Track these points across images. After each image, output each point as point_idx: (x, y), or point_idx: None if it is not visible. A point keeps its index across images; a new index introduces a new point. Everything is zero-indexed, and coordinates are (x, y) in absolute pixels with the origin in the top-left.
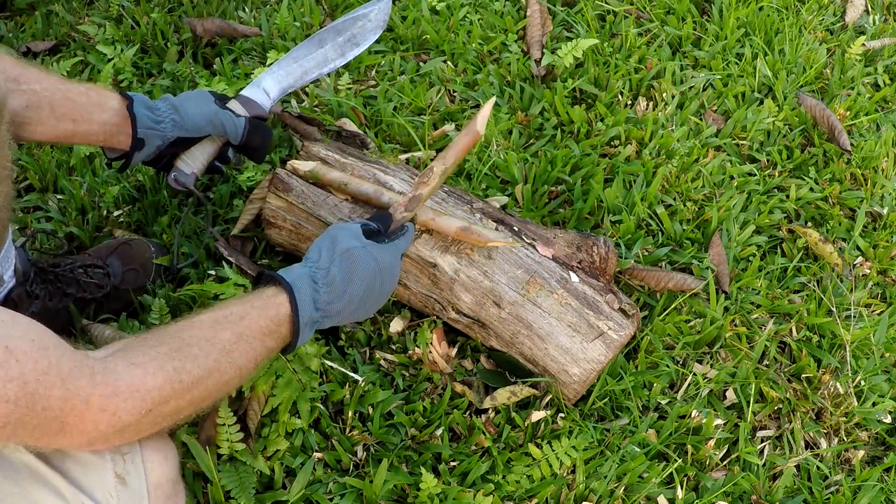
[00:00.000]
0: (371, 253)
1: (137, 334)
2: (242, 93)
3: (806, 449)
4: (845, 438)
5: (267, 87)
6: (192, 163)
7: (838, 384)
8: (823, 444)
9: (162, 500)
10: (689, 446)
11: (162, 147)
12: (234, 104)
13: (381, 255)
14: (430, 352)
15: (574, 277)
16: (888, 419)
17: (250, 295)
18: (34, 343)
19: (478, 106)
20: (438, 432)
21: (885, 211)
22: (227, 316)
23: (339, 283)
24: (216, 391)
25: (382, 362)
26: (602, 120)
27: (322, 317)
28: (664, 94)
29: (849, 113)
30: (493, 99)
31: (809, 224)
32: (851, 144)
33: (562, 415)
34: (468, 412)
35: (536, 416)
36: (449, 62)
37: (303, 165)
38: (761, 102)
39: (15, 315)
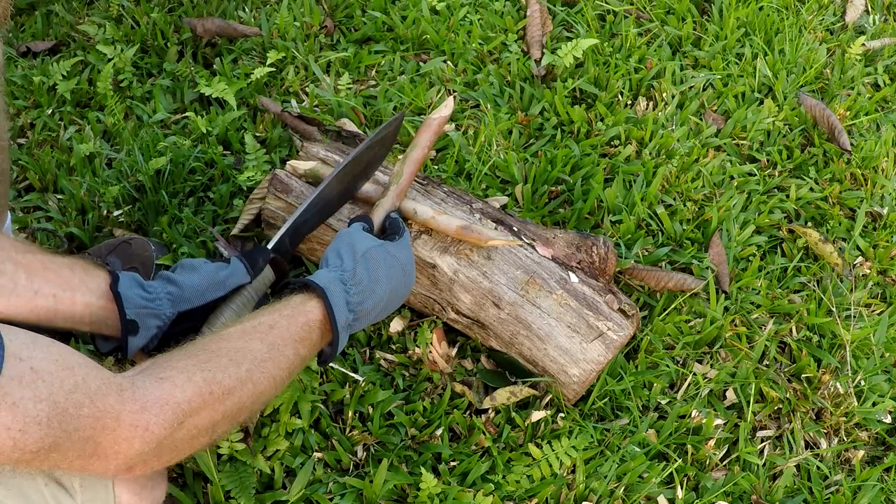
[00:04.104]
0: (389, 251)
1: (165, 352)
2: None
3: (806, 449)
4: (845, 438)
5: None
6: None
7: (838, 384)
8: (823, 444)
9: None
10: (689, 446)
11: (163, 328)
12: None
13: (398, 252)
14: (430, 352)
15: (573, 278)
16: (888, 419)
17: (277, 304)
18: (58, 363)
19: (478, 106)
20: (438, 432)
21: (885, 211)
22: (255, 326)
23: (366, 283)
24: (251, 402)
25: (382, 362)
26: (602, 120)
27: (354, 319)
28: (664, 94)
29: (849, 113)
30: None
31: (809, 224)
32: (851, 144)
33: (562, 415)
34: (468, 412)
35: (536, 416)
36: (449, 62)
37: (302, 165)
38: (761, 102)
39: (36, 336)
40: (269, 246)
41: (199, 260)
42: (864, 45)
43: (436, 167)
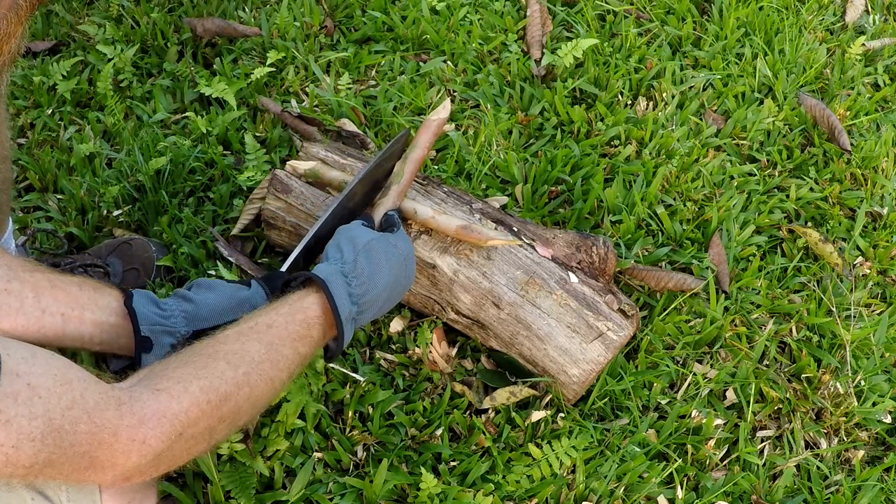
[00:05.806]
0: (389, 241)
1: (161, 359)
2: None
3: (806, 449)
4: (845, 438)
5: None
6: None
7: (838, 384)
8: (823, 444)
9: None
10: (689, 446)
11: (178, 347)
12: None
13: (398, 242)
14: (430, 352)
15: (573, 278)
16: (888, 419)
17: (275, 303)
18: (56, 378)
19: (478, 106)
20: (438, 432)
21: (885, 211)
22: (252, 327)
23: (367, 275)
24: (248, 406)
25: (382, 362)
26: (602, 120)
27: (358, 312)
28: (664, 94)
29: (849, 113)
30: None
31: (809, 224)
32: (851, 144)
33: (562, 415)
34: (468, 412)
35: (536, 415)
36: (449, 62)
37: (302, 165)
38: (761, 102)
39: (35, 349)
40: (284, 269)
41: (216, 280)
42: (864, 45)
43: (436, 167)
